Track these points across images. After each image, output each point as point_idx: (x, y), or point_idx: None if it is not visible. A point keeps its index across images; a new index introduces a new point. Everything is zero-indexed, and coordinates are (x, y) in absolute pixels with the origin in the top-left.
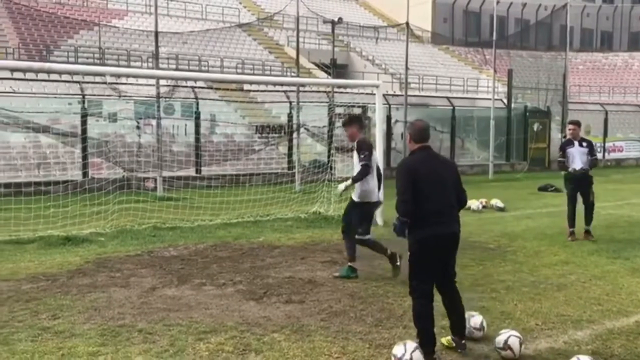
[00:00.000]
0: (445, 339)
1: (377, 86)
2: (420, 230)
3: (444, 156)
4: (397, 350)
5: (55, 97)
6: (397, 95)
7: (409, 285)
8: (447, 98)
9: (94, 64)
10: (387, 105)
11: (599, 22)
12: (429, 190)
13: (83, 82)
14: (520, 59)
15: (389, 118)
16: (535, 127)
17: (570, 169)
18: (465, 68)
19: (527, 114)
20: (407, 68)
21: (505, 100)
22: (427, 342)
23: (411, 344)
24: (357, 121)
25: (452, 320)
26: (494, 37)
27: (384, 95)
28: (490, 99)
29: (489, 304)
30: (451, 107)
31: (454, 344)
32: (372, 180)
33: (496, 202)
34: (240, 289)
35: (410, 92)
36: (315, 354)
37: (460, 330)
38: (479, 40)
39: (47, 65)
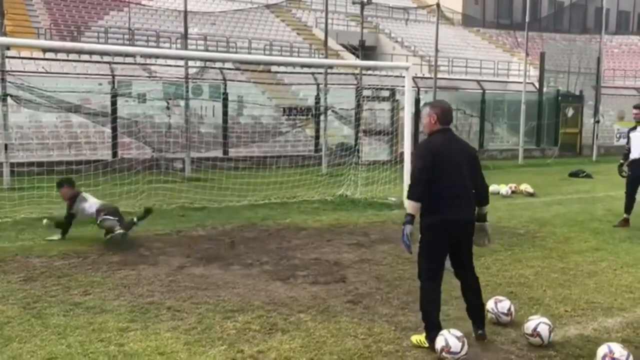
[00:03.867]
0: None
1: (406, 68)
2: (433, 214)
3: (465, 140)
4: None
5: (86, 78)
6: (426, 78)
7: (418, 268)
8: (477, 81)
9: (124, 44)
10: (416, 88)
11: (637, 4)
12: (447, 174)
13: (113, 63)
14: (553, 42)
15: (417, 101)
16: (570, 112)
17: (631, 158)
18: (496, 51)
19: (559, 98)
20: (437, 50)
21: (537, 84)
22: (431, 328)
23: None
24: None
25: (468, 308)
26: (527, 20)
27: (412, 77)
28: (521, 83)
29: (517, 289)
30: (481, 91)
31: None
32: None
33: (526, 187)
34: (266, 269)
35: (439, 75)
36: (341, 334)
37: (477, 319)
38: (511, 22)
39: (79, 45)
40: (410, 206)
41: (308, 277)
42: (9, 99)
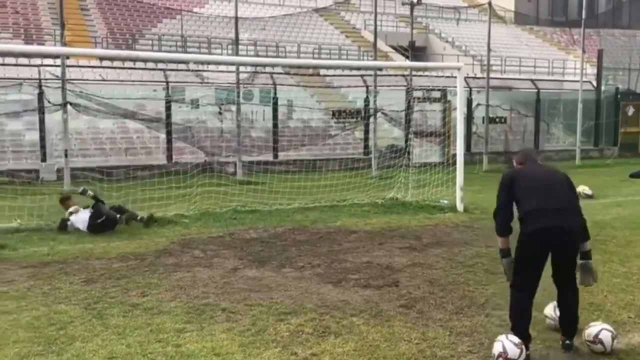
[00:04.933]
0: None
1: (458, 69)
2: (532, 223)
3: (553, 167)
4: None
5: (141, 84)
6: (479, 78)
7: (512, 277)
8: (532, 80)
9: (177, 51)
10: (468, 89)
11: None
12: (532, 190)
13: (167, 70)
14: (612, 39)
15: (469, 101)
16: (630, 111)
17: None
18: (550, 49)
19: (619, 96)
20: (489, 50)
21: (595, 82)
22: (519, 338)
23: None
24: None
25: (561, 318)
26: (583, 16)
27: (464, 78)
28: (578, 81)
29: None
30: (536, 90)
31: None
32: None
33: (584, 189)
34: (318, 272)
35: (492, 75)
36: (394, 339)
37: (569, 330)
38: (566, 19)
39: (134, 53)
40: (499, 242)
41: (360, 281)
42: (68, 106)
